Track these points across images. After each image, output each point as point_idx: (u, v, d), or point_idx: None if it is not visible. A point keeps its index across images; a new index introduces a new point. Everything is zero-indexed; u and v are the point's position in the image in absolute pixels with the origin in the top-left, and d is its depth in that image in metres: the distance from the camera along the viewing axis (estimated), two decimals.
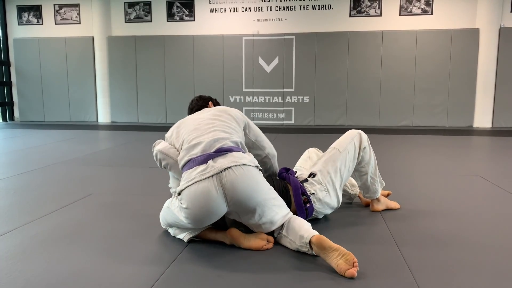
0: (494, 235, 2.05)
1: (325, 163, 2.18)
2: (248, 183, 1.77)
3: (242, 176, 1.76)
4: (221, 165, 1.76)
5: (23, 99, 9.21)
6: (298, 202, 2.03)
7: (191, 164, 1.83)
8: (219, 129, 1.95)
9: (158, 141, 2.12)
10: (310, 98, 8.23)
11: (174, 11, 8.57)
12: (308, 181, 2.14)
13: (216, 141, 1.87)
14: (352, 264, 1.58)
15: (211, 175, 1.74)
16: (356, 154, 2.26)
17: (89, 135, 6.58)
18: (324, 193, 2.11)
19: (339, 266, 1.59)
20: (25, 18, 9.09)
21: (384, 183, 2.45)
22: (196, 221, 1.79)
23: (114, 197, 2.83)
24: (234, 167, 1.77)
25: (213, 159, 1.80)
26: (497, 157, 4.57)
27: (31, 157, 4.44)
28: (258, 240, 1.85)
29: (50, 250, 1.88)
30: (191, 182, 1.76)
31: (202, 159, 1.81)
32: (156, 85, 8.61)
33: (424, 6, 7.83)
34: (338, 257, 1.61)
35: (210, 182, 1.74)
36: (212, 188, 1.73)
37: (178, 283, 1.56)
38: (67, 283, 1.55)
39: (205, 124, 1.98)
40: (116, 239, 2.01)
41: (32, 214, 2.41)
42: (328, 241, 1.68)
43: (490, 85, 7.67)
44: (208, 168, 1.77)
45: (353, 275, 1.55)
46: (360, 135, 2.30)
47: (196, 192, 1.74)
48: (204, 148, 1.85)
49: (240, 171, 1.77)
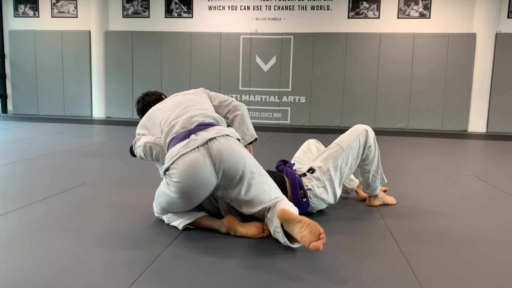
0: (489, 231, 2.05)
1: (325, 160, 2.12)
2: (233, 150, 1.76)
3: (227, 144, 1.76)
4: (205, 137, 1.75)
5: (17, 92, 9.11)
6: (295, 196, 2.01)
7: (174, 142, 1.81)
8: (193, 107, 1.94)
9: (137, 138, 2.07)
10: (307, 98, 8.22)
11: (172, 8, 8.53)
12: (306, 175, 2.09)
13: (194, 117, 1.87)
14: (318, 236, 1.50)
15: (196, 146, 1.73)
16: (360, 152, 2.18)
17: (83, 129, 6.52)
18: (321, 190, 2.07)
19: (303, 238, 1.52)
20: (21, 10, 9.00)
21: (386, 180, 2.41)
22: (187, 194, 1.75)
23: (107, 187, 2.79)
24: (218, 137, 1.76)
25: (195, 133, 1.79)
26: (492, 159, 4.59)
27: (24, 147, 4.38)
28: (254, 227, 1.82)
29: (40, 235, 1.84)
30: (176, 156, 1.73)
31: (183, 135, 1.80)
32: (152, 81, 8.55)
33: (422, 10, 7.86)
34: (302, 229, 1.54)
35: (197, 153, 1.72)
36: (200, 158, 1.71)
37: (171, 268, 1.53)
38: (58, 266, 1.51)
39: (176, 107, 1.96)
40: (108, 226, 1.97)
41: (23, 200, 2.37)
42: (291, 213, 1.61)
43: (486, 90, 7.71)
44: (191, 141, 1.75)
45: (317, 248, 1.47)
46: (367, 132, 2.21)
47: (184, 163, 1.71)
48: (184, 125, 1.84)
49: (225, 141, 1.76)
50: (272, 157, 4.04)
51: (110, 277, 1.44)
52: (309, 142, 2.57)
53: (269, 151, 4.53)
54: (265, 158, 2.59)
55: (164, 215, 1.98)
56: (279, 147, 5.02)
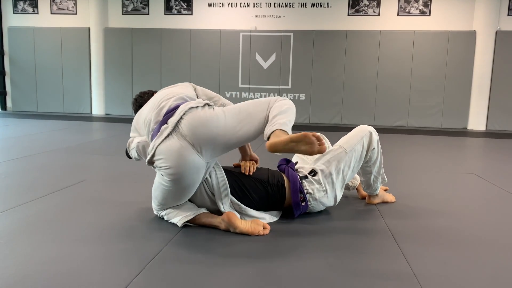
0: (489, 230, 2.05)
1: (328, 163, 2.08)
2: (201, 121, 1.74)
3: (194, 118, 1.74)
4: (173, 122, 1.76)
5: (16, 89, 9.10)
6: (295, 200, 1.99)
7: (153, 138, 1.84)
8: (166, 102, 1.90)
9: (130, 140, 2.09)
10: (306, 95, 8.21)
11: (172, 4, 8.51)
12: (308, 178, 2.05)
13: (163, 108, 1.86)
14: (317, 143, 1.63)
15: (167, 134, 1.74)
16: (363, 154, 2.15)
17: (82, 126, 6.52)
18: (321, 193, 2.05)
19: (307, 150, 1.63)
20: (20, 7, 8.98)
21: (387, 180, 2.40)
22: (178, 180, 1.75)
23: (107, 184, 2.79)
24: (184, 116, 1.76)
25: (166, 122, 1.79)
26: (491, 157, 4.59)
27: (24, 144, 4.37)
28: (254, 225, 1.82)
29: (40, 232, 1.84)
30: (153, 150, 1.76)
31: (157, 129, 1.81)
32: (151, 78, 8.54)
33: (422, 7, 7.85)
34: (302, 147, 1.62)
35: (171, 140, 1.74)
36: (176, 143, 1.73)
37: (171, 265, 1.53)
38: (58, 263, 1.51)
39: (153, 105, 1.95)
40: (108, 223, 1.97)
41: (23, 197, 2.37)
42: (280, 144, 1.63)
43: (485, 88, 7.71)
44: (163, 131, 1.77)
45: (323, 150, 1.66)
46: (371, 134, 2.15)
47: (164, 152, 1.73)
48: (156, 120, 1.85)
49: (191, 116, 1.75)
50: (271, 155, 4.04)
51: (109, 274, 1.44)
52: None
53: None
54: (264, 156, 2.59)
55: (163, 211, 1.98)
56: None
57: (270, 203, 2.02)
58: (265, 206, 2.02)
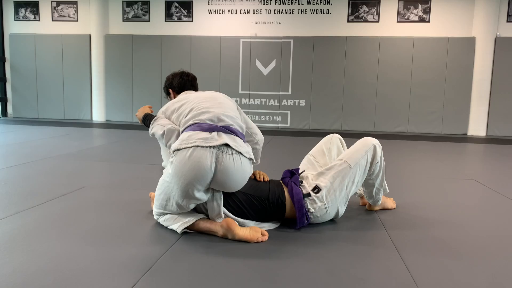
0: (490, 238, 2.04)
1: (332, 179, 2.02)
2: (238, 175, 1.83)
3: (236, 166, 1.81)
4: (223, 141, 1.80)
5: (17, 95, 9.13)
6: (301, 220, 1.96)
7: (195, 127, 1.87)
8: (226, 107, 2.00)
9: (160, 117, 2.13)
10: (306, 101, 8.23)
11: (172, 11, 8.56)
12: (311, 196, 2.00)
13: (225, 116, 1.92)
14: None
15: (212, 146, 1.77)
16: (367, 169, 2.11)
17: (83, 132, 6.52)
18: (323, 211, 2.01)
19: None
20: (21, 14, 9.03)
21: (388, 190, 2.40)
22: (180, 178, 1.77)
23: (106, 190, 2.79)
24: (233, 150, 1.81)
25: (218, 133, 1.84)
26: (491, 163, 4.59)
27: (24, 151, 4.38)
28: (253, 232, 1.82)
29: (40, 238, 1.83)
30: (190, 144, 1.78)
31: (207, 127, 1.85)
32: (152, 85, 8.57)
33: (422, 14, 7.89)
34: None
35: (209, 153, 1.77)
36: (207, 160, 1.76)
37: (173, 270, 1.52)
38: (59, 269, 1.51)
39: (210, 100, 2.04)
40: (109, 229, 1.97)
41: (23, 204, 2.37)
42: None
43: (485, 94, 7.72)
44: (212, 138, 1.80)
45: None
46: (375, 148, 2.11)
47: (191, 155, 1.76)
48: (212, 118, 1.90)
49: (237, 161, 1.81)
50: (271, 161, 4.04)
51: (110, 281, 1.44)
52: (332, 139, 2.39)
53: (269, 155, 4.53)
54: (265, 162, 2.59)
55: (162, 216, 1.97)
56: (279, 150, 5.03)
57: (268, 216, 2.00)
58: (263, 219, 2.00)
